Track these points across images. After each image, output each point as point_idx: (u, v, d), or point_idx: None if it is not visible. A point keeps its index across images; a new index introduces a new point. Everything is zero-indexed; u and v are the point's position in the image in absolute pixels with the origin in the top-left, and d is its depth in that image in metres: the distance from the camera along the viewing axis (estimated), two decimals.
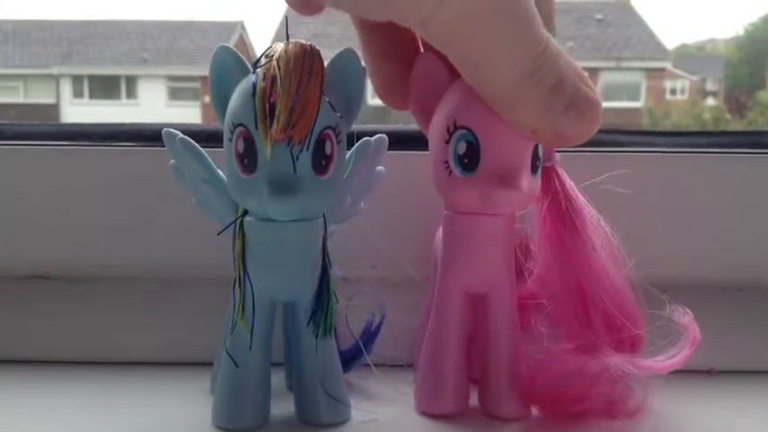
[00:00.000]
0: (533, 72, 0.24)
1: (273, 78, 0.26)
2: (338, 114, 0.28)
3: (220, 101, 0.29)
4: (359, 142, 0.33)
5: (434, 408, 0.32)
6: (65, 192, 0.41)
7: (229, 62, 0.28)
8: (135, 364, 0.38)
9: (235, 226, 0.30)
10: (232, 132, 0.28)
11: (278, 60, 0.27)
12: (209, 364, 0.35)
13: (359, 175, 0.33)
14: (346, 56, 0.29)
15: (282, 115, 0.26)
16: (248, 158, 0.27)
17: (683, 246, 0.40)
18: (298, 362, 0.31)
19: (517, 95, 0.25)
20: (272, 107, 0.26)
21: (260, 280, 0.30)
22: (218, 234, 0.30)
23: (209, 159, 0.31)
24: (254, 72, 0.27)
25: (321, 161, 0.28)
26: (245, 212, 0.30)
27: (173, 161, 0.31)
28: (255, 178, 0.27)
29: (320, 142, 0.28)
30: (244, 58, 0.29)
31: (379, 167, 0.34)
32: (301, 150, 0.27)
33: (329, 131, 0.28)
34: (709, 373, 0.38)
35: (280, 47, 0.27)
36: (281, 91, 0.26)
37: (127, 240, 0.41)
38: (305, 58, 0.27)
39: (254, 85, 0.27)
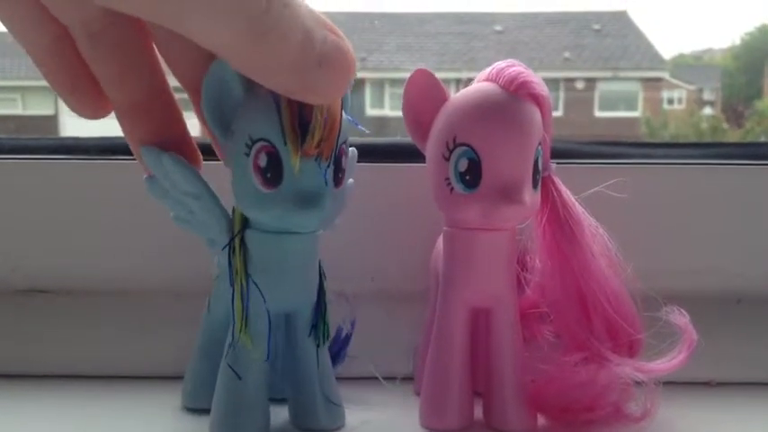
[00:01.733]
0: (266, 31, 0.22)
1: None
2: (361, 128, 0.30)
3: (219, 117, 0.28)
4: None
5: (439, 424, 0.32)
6: (64, 205, 0.41)
7: (227, 78, 0.28)
8: (135, 378, 0.38)
9: (233, 240, 0.30)
10: (249, 147, 0.28)
11: None
12: None
13: None
14: None
15: (317, 132, 0.27)
16: (272, 173, 0.28)
17: (680, 257, 0.40)
18: (295, 370, 0.32)
19: (262, 57, 0.23)
20: (302, 124, 0.27)
21: (265, 292, 0.30)
22: (223, 248, 0.30)
23: (198, 173, 0.30)
24: None
25: (338, 174, 0.29)
26: (244, 226, 0.30)
27: (147, 176, 0.31)
28: (280, 191, 0.28)
29: (338, 156, 0.28)
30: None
31: (350, 180, 0.34)
32: (328, 165, 0.28)
33: (344, 146, 0.29)
34: (708, 384, 0.38)
35: None
36: (315, 109, 0.26)
37: (126, 254, 0.41)
38: None
39: (277, 102, 0.27)
